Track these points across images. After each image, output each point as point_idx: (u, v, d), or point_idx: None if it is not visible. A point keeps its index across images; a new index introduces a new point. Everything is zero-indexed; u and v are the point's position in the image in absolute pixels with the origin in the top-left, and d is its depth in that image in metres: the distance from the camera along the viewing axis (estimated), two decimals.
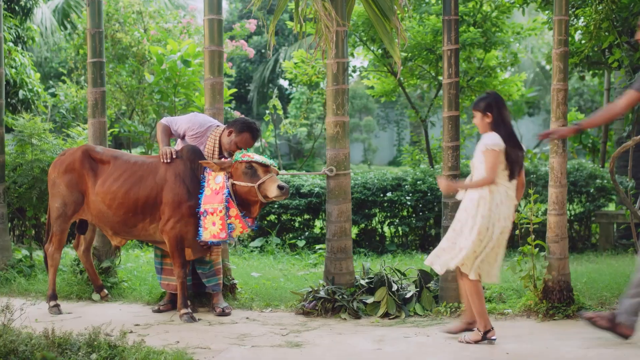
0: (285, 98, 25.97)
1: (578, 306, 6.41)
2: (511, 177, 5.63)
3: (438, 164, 11.95)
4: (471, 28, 11.24)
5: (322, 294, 6.71)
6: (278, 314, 6.74)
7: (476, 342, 5.64)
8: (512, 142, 5.62)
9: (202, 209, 6.37)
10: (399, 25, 6.77)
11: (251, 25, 13.64)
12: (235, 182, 6.41)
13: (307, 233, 10.89)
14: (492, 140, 5.58)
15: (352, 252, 10.44)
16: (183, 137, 6.84)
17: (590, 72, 11.54)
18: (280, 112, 13.19)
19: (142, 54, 11.68)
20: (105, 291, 7.23)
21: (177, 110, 11.26)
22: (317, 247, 9.77)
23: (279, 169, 7.43)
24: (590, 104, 23.39)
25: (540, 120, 27.83)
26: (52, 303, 6.78)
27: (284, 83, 28.65)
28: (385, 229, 11.12)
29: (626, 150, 11.61)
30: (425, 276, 6.93)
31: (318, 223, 11.17)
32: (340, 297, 6.69)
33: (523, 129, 25.33)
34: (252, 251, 10.46)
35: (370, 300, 6.68)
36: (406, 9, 7.23)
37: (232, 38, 13.77)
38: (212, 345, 5.62)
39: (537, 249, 6.48)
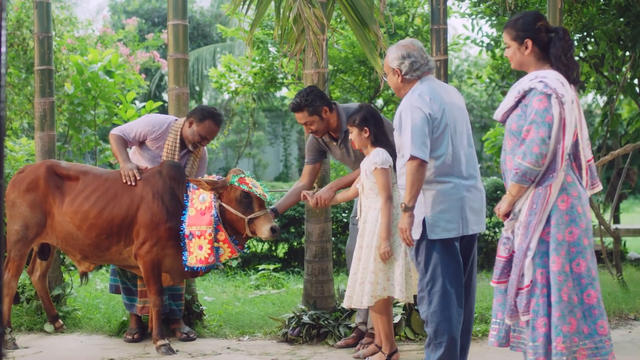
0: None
1: None
2: None
3: None
4: None
5: (306, 319, 6.24)
6: (259, 342, 6.23)
7: None
8: (394, 154, 5.31)
9: (187, 232, 5.74)
10: (380, 34, 6.46)
11: (165, 35, 13.00)
12: (224, 204, 5.80)
13: None
14: (381, 158, 5.24)
15: (286, 271, 10.09)
16: (142, 143, 6.26)
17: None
18: None
19: (57, 63, 10.86)
20: (61, 321, 6.49)
21: (97, 124, 10.55)
22: (260, 267, 9.32)
23: None
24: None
25: None
26: (8, 336, 6.01)
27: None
28: None
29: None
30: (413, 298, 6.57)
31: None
32: (326, 322, 6.24)
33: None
34: None
35: (354, 325, 6.27)
36: (387, 17, 6.90)
37: (147, 48, 13.12)
38: None
39: None
